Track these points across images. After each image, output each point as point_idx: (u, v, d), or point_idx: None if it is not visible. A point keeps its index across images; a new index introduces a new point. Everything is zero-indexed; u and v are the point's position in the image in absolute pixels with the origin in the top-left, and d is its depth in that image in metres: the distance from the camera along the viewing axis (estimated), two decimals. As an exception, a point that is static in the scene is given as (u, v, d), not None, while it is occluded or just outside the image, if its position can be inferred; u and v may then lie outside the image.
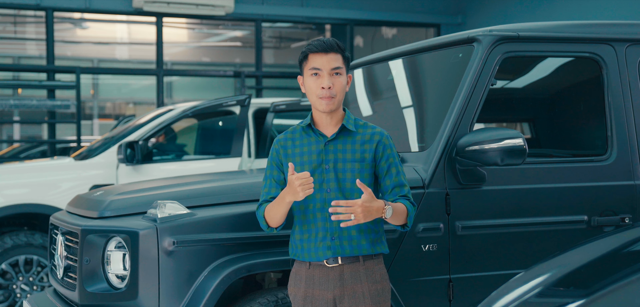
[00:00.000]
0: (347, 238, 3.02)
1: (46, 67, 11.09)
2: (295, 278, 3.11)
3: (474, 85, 3.74)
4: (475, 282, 3.70)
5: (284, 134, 3.18)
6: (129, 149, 6.57)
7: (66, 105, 10.60)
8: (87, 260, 3.43)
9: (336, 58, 3.05)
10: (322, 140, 3.07)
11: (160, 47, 11.76)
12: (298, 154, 3.09)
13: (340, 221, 2.94)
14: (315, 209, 3.05)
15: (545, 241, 3.81)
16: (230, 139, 7.00)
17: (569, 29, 4.01)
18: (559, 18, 10.69)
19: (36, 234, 6.46)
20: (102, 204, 3.62)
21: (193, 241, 3.31)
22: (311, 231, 3.05)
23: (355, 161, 3.03)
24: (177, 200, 3.44)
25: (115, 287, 3.40)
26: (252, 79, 12.30)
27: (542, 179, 3.82)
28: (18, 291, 6.42)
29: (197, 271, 3.31)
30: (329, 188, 3.03)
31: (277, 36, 15.98)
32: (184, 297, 3.29)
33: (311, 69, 3.07)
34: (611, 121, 3.95)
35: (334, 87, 3.03)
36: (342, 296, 3.01)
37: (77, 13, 13.20)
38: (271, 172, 3.16)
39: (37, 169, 6.92)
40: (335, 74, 3.05)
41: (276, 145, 3.16)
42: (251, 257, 3.35)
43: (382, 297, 3.06)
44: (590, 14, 10.36)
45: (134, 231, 3.31)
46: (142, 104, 17.25)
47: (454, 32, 13.33)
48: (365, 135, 3.08)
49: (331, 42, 3.06)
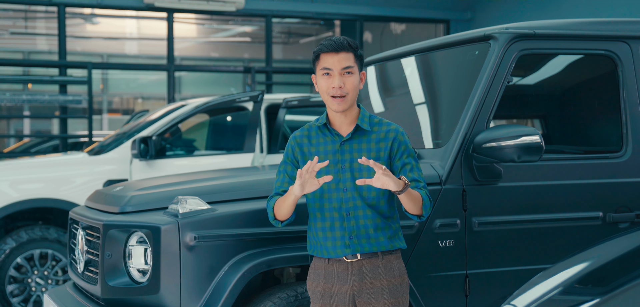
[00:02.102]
0: (365, 236, 3.06)
1: (58, 62, 11.15)
2: (314, 273, 3.14)
3: (490, 82, 3.76)
4: (492, 277, 3.73)
5: (300, 131, 3.20)
6: (142, 144, 6.62)
7: (78, 100, 10.66)
8: (108, 254, 3.47)
9: (347, 57, 3.06)
10: (337, 140, 3.10)
11: (171, 43, 11.81)
12: (314, 153, 3.11)
13: (359, 220, 3.00)
14: (332, 208, 3.08)
15: (560, 237, 3.84)
16: (243, 134, 7.04)
17: (584, 26, 4.02)
18: (568, 15, 10.69)
19: (51, 228, 6.52)
20: (123, 200, 3.66)
21: (214, 236, 3.35)
22: (329, 230, 3.08)
23: (371, 159, 3.03)
24: (198, 196, 3.48)
25: (137, 282, 3.45)
26: (262, 74, 12.33)
27: (558, 175, 3.85)
28: (33, 285, 6.48)
29: (218, 265, 3.35)
30: (345, 188, 3.06)
31: (286, 32, 16.01)
32: (205, 292, 3.34)
33: (322, 68, 3.08)
34: (626, 118, 3.97)
35: (345, 86, 3.04)
36: (361, 290, 3.05)
37: (89, 9, 13.26)
38: (285, 168, 3.18)
39: (51, 164, 6.97)
40: (346, 74, 3.06)
41: (292, 142, 3.18)
42: (271, 252, 3.39)
43: (401, 292, 3.09)
44: (600, 12, 10.36)
45: (156, 226, 3.35)
46: (150, 99, 17.30)
47: (463, 28, 13.27)
48: (380, 132, 3.10)
49: (342, 41, 3.07)
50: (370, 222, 3.05)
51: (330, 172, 3.06)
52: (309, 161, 2.90)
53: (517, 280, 3.76)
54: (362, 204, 3.05)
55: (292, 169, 3.16)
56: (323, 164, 2.92)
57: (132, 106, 17.22)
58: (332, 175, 3.02)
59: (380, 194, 3.07)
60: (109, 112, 16.58)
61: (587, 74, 4.35)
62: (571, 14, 10.68)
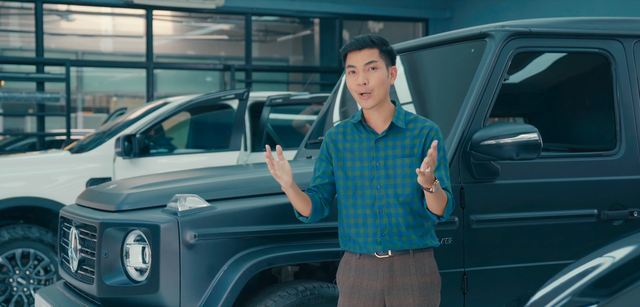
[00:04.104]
0: (397, 234, 3.06)
1: (36, 59, 11.01)
2: (345, 267, 3.14)
3: (487, 80, 3.77)
4: (490, 275, 3.74)
5: (336, 127, 3.22)
6: (126, 142, 6.55)
7: (56, 97, 10.53)
8: (105, 253, 3.43)
9: (371, 53, 3.08)
10: (372, 137, 3.11)
11: (150, 40, 11.71)
12: (348, 150, 3.13)
13: (391, 217, 3.04)
14: (365, 204, 3.08)
15: (557, 234, 3.85)
16: (228, 132, 7.00)
17: (578, 25, 4.05)
18: (546, 14, 10.78)
19: (33, 227, 6.43)
20: (119, 197, 3.61)
21: (214, 234, 3.31)
22: (361, 226, 3.08)
23: (405, 156, 3.06)
24: (196, 193, 3.45)
25: (134, 280, 3.40)
26: (242, 72, 12.28)
27: (554, 173, 3.87)
28: (15, 285, 6.38)
29: (218, 264, 3.32)
30: (379, 184, 3.07)
31: (263, 30, 15.97)
32: (204, 290, 3.30)
33: (348, 67, 3.12)
34: (620, 116, 4.00)
35: (369, 82, 3.06)
36: (391, 287, 3.05)
37: (67, 5, 13.11)
38: (320, 164, 3.21)
39: (33, 162, 6.88)
40: (370, 69, 3.07)
41: (327, 138, 3.20)
42: (272, 250, 3.37)
43: (431, 290, 3.09)
44: (578, 11, 10.46)
45: (156, 224, 3.31)
46: (124, 97, 17.17)
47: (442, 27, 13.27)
48: (415, 129, 3.10)
49: (365, 38, 3.10)
50: (403, 220, 3.05)
51: (365, 169, 3.08)
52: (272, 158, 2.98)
53: (515, 277, 3.77)
54: (395, 202, 3.06)
55: (326, 165, 3.19)
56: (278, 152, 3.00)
57: (106, 104, 17.07)
58: (366, 171, 3.06)
59: (414, 192, 3.07)
60: (83, 111, 16.41)
61: (582, 72, 4.38)
62: (550, 13, 10.77)
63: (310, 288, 3.42)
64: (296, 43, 16.52)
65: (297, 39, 16.42)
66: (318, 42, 14.82)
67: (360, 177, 3.08)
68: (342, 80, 4.94)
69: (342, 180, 3.12)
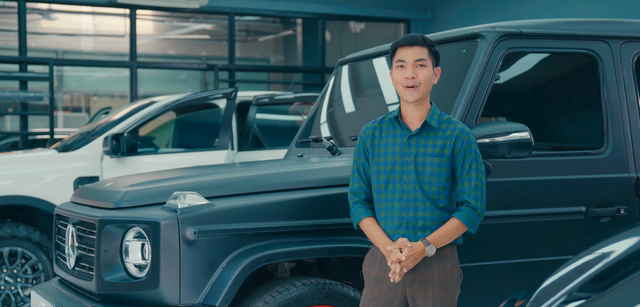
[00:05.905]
0: (422, 227, 3.15)
1: (18, 58, 10.96)
2: (371, 259, 3.25)
3: (479, 79, 3.84)
4: (481, 271, 3.81)
5: (372, 123, 3.31)
6: (114, 141, 6.56)
7: (39, 96, 10.49)
8: (104, 250, 3.46)
9: (421, 51, 3.20)
10: (406, 133, 3.21)
11: (134, 40, 11.69)
12: (383, 145, 3.23)
13: (417, 212, 3.14)
14: (393, 198, 3.18)
15: (546, 231, 3.94)
16: (216, 131, 7.03)
17: (566, 26, 4.14)
18: (528, 15, 10.90)
19: (20, 226, 6.42)
20: (118, 195, 3.64)
21: (213, 230, 3.36)
22: (388, 219, 3.19)
23: (435, 155, 3.16)
24: (195, 190, 3.49)
25: (134, 276, 3.44)
26: (226, 72, 12.30)
27: (543, 171, 3.95)
28: (2, 283, 6.38)
29: (217, 260, 3.37)
30: (408, 180, 3.17)
31: (245, 29, 15.99)
32: (204, 287, 3.35)
33: (397, 61, 3.22)
34: (607, 116, 4.09)
35: (417, 77, 3.17)
36: (413, 280, 3.14)
37: (49, 4, 13.05)
38: (358, 159, 3.30)
39: (19, 161, 6.87)
40: (419, 66, 3.19)
41: (363, 134, 3.30)
42: (271, 246, 3.42)
43: (451, 284, 3.18)
44: (559, 12, 10.59)
45: (156, 221, 3.35)
46: (104, 96, 17.10)
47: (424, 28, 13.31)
48: (446, 130, 3.20)
49: (417, 36, 3.22)
50: (429, 215, 3.15)
51: (396, 164, 3.19)
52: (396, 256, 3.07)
53: (507, 273, 3.85)
54: (422, 197, 3.15)
55: (364, 161, 3.28)
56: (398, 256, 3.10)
57: (86, 104, 16.99)
58: (397, 166, 3.17)
59: (440, 190, 3.17)
60: (63, 110, 16.33)
61: (570, 72, 4.47)
62: (531, 14, 10.89)
63: (307, 284, 3.47)
64: (278, 43, 16.57)
65: (278, 39, 16.47)
66: (301, 42, 14.88)
67: (391, 171, 3.19)
68: (330, 81, 5.00)
69: (375, 174, 3.23)
